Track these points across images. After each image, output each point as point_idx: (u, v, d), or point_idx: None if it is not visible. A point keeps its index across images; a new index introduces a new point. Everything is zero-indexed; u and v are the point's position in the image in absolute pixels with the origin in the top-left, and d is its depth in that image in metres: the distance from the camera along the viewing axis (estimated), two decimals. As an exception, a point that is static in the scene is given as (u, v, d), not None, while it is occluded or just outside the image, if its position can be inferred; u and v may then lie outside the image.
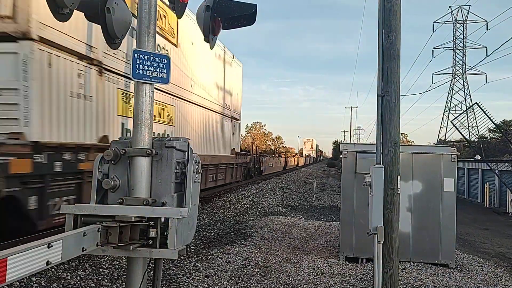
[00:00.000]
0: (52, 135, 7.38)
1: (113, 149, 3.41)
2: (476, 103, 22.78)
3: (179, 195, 3.50)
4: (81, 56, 8.16)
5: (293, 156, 70.18)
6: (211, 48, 4.04)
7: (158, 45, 11.22)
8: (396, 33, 5.73)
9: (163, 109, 12.33)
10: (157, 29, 6.99)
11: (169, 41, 12.29)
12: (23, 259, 2.12)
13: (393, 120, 5.73)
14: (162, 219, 3.22)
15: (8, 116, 6.82)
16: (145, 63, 3.45)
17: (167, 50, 12.04)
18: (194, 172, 3.51)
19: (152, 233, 3.17)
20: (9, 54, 6.80)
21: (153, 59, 3.52)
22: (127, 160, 3.44)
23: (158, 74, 3.55)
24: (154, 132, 5.11)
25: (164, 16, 11.87)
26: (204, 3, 3.91)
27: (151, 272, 3.73)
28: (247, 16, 3.99)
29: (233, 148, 21.56)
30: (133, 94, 11.06)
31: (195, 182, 3.53)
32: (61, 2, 3.16)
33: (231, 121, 21.28)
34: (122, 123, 10.03)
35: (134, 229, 3.16)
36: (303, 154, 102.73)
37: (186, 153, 3.63)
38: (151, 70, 3.49)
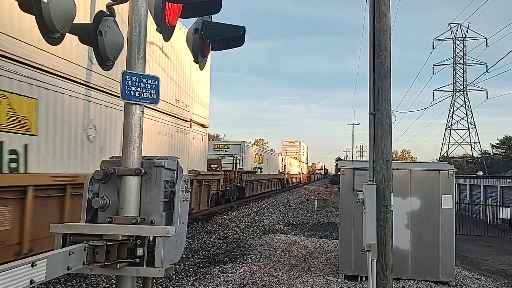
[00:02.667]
0: None
1: (103, 168, 3.47)
2: None
3: (168, 213, 3.54)
4: None
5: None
6: (201, 69, 4.12)
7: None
8: (386, 52, 5.81)
9: None
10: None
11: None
12: (5, 278, 2.15)
13: (384, 138, 5.76)
14: (150, 238, 3.27)
15: None
16: (134, 84, 3.54)
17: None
18: (182, 190, 3.56)
19: (140, 252, 3.20)
20: None
21: (143, 80, 3.60)
22: (117, 179, 3.49)
23: (147, 94, 3.63)
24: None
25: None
26: (193, 25, 4.02)
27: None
28: (235, 38, 4.09)
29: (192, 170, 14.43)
30: (31, 98, 8.21)
31: (183, 200, 3.57)
32: (52, 26, 3.26)
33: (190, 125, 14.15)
34: (1, 142, 6.06)
35: (122, 248, 3.19)
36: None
37: (176, 171, 3.69)
38: (140, 91, 3.57)
